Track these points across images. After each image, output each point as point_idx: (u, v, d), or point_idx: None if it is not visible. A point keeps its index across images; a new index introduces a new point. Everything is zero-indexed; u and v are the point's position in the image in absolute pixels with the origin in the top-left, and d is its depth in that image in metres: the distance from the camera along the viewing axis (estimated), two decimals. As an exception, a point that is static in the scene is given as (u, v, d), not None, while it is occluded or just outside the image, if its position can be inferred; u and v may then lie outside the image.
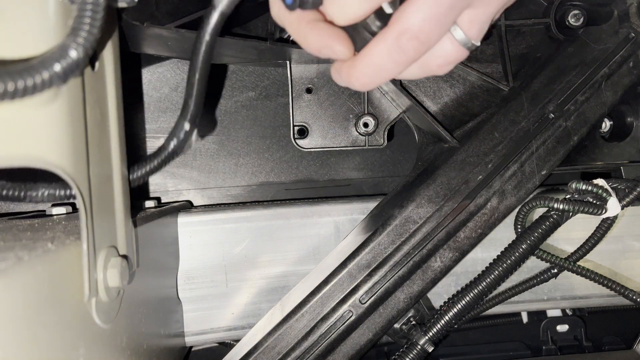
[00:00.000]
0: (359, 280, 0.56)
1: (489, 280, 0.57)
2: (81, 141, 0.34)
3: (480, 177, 0.57)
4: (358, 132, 0.66)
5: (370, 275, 0.56)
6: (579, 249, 0.62)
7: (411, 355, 0.57)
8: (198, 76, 0.40)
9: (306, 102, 0.66)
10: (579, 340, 0.77)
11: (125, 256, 0.40)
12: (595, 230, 0.61)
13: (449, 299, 0.59)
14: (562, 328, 0.77)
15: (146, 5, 0.50)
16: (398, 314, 0.57)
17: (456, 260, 0.57)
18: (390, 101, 0.65)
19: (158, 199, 0.70)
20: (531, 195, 0.58)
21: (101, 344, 0.37)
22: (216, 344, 0.68)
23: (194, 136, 0.43)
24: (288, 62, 0.64)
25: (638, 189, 0.57)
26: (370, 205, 0.64)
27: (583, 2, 0.62)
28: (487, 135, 0.58)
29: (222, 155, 0.72)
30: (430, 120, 0.59)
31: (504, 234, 0.61)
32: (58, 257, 0.32)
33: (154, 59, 0.69)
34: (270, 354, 0.55)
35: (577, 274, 0.61)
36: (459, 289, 0.59)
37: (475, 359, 0.77)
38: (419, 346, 0.57)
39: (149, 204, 0.63)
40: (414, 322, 0.58)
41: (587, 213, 0.56)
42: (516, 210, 0.58)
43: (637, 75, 0.61)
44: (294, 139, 0.65)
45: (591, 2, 0.62)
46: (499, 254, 0.59)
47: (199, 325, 0.63)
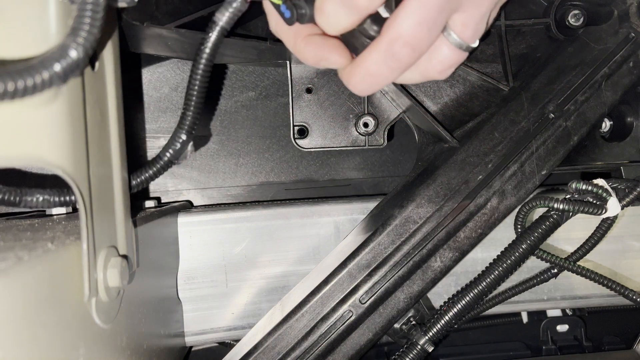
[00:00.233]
0: (359, 280, 0.56)
1: (489, 280, 0.57)
2: (81, 141, 0.34)
3: (480, 177, 0.57)
4: (358, 132, 0.66)
5: (370, 275, 0.56)
6: (579, 249, 0.62)
7: (411, 355, 0.57)
8: (197, 89, 0.41)
9: (306, 102, 0.66)
10: (579, 340, 0.77)
11: (125, 256, 0.40)
12: (595, 230, 0.61)
13: (449, 299, 0.59)
14: (562, 328, 0.77)
15: (146, 5, 0.50)
16: (398, 314, 0.57)
17: (456, 260, 0.57)
18: (390, 101, 0.65)
19: (158, 199, 0.70)
20: (531, 195, 0.58)
21: (101, 344, 0.37)
22: (216, 344, 0.68)
23: (190, 147, 0.43)
24: (288, 62, 0.64)
25: (638, 189, 0.57)
26: (370, 205, 0.64)
27: (583, 2, 0.62)
28: (487, 135, 0.58)
29: (222, 155, 0.72)
30: (430, 120, 0.59)
31: (504, 234, 0.61)
32: (58, 257, 0.32)
33: (154, 59, 0.69)
34: (270, 354, 0.55)
35: (577, 274, 0.61)
36: (459, 289, 0.59)
37: (475, 359, 0.77)
38: (419, 346, 0.57)
39: (149, 204, 0.63)
40: (414, 322, 0.58)
41: (587, 213, 0.56)
42: (516, 210, 0.58)
43: (637, 75, 0.61)
44: (294, 139, 0.65)
45: (591, 2, 0.62)
46: (499, 254, 0.59)
47: (199, 325, 0.63)
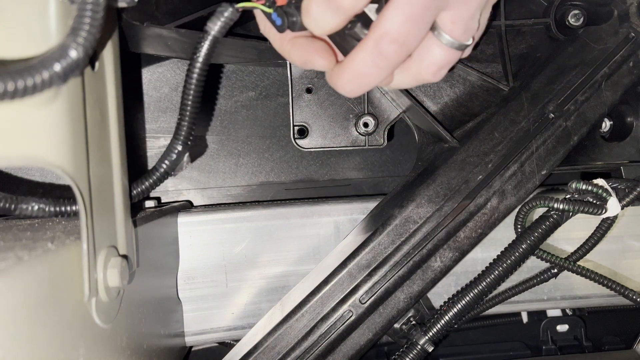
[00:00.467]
0: (359, 280, 0.56)
1: (489, 280, 0.57)
2: (81, 141, 0.34)
3: (480, 177, 0.57)
4: (358, 132, 0.66)
5: (370, 275, 0.56)
6: (579, 249, 0.62)
7: (411, 355, 0.57)
8: (191, 98, 0.41)
9: (306, 102, 0.66)
10: (579, 340, 0.77)
11: (125, 256, 0.40)
12: (595, 230, 0.61)
13: (449, 299, 0.59)
14: (562, 328, 0.77)
15: (146, 5, 0.50)
16: (398, 313, 0.57)
17: (456, 260, 0.57)
18: (390, 101, 0.65)
19: (158, 199, 0.70)
20: (531, 195, 0.58)
21: (101, 344, 0.37)
22: (216, 344, 0.68)
23: (186, 158, 0.43)
24: (288, 62, 0.64)
25: (638, 189, 0.57)
26: (370, 205, 0.64)
27: (583, 2, 0.62)
28: (487, 135, 0.58)
29: (222, 155, 0.72)
30: (430, 120, 0.59)
31: (504, 234, 0.61)
32: (58, 257, 0.32)
33: (154, 59, 0.69)
34: (270, 353, 0.55)
35: (577, 274, 0.61)
36: (459, 289, 0.59)
37: (475, 359, 0.77)
38: (419, 346, 0.57)
39: (149, 204, 0.63)
40: (414, 322, 0.58)
41: (587, 213, 0.56)
42: (516, 210, 0.58)
43: (637, 75, 0.61)
44: (294, 138, 0.65)
45: (591, 2, 0.62)
46: (499, 254, 0.59)
47: (199, 325, 0.63)
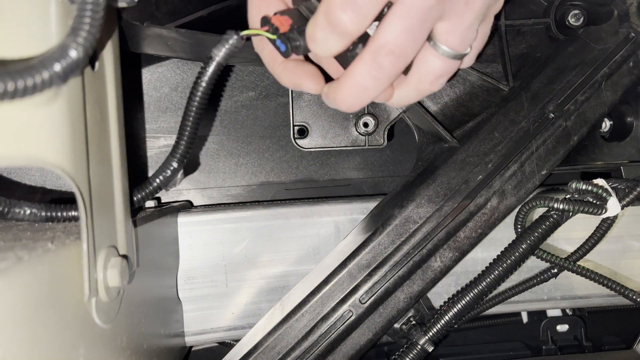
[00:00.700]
0: (359, 280, 0.56)
1: (489, 280, 0.57)
2: (81, 141, 0.34)
3: (480, 177, 0.57)
4: (358, 132, 0.66)
5: (370, 275, 0.56)
6: (579, 249, 0.62)
7: (411, 355, 0.57)
8: (192, 119, 0.42)
9: (306, 102, 0.66)
10: (579, 340, 0.77)
11: (125, 256, 0.40)
12: (595, 230, 0.61)
13: (449, 299, 0.59)
14: (562, 328, 0.77)
15: (146, 5, 0.50)
16: (398, 313, 0.57)
17: (456, 260, 0.57)
18: (390, 101, 0.65)
19: (158, 199, 0.70)
20: (531, 195, 0.58)
21: (101, 344, 0.37)
22: (216, 344, 0.68)
23: (180, 175, 0.44)
24: (288, 62, 0.64)
25: (638, 189, 0.57)
26: (370, 205, 0.64)
27: (583, 2, 0.62)
28: (487, 135, 0.58)
29: (222, 155, 0.72)
30: (430, 120, 0.59)
31: (504, 234, 0.61)
32: (58, 257, 0.32)
33: (154, 59, 0.69)
34: (270, 353, 0.55)
35: (577, 274, 0.61)
36: (459, 289, 0.59)
37: (475, 359, 0.77)
38: (419, 346, 0.57)
39: (149, 204, 0.63)
40: (414, 322, 0.58)
41: (587, 213, 0.56)
42: (516, 210, 0.58)
43: (637, 75, 0.61)
44: (294, 138, 0.65)
45: (591, 2, 0.62)
46: (499, 254, 0.59)
47: (199, 325, 0.63)
